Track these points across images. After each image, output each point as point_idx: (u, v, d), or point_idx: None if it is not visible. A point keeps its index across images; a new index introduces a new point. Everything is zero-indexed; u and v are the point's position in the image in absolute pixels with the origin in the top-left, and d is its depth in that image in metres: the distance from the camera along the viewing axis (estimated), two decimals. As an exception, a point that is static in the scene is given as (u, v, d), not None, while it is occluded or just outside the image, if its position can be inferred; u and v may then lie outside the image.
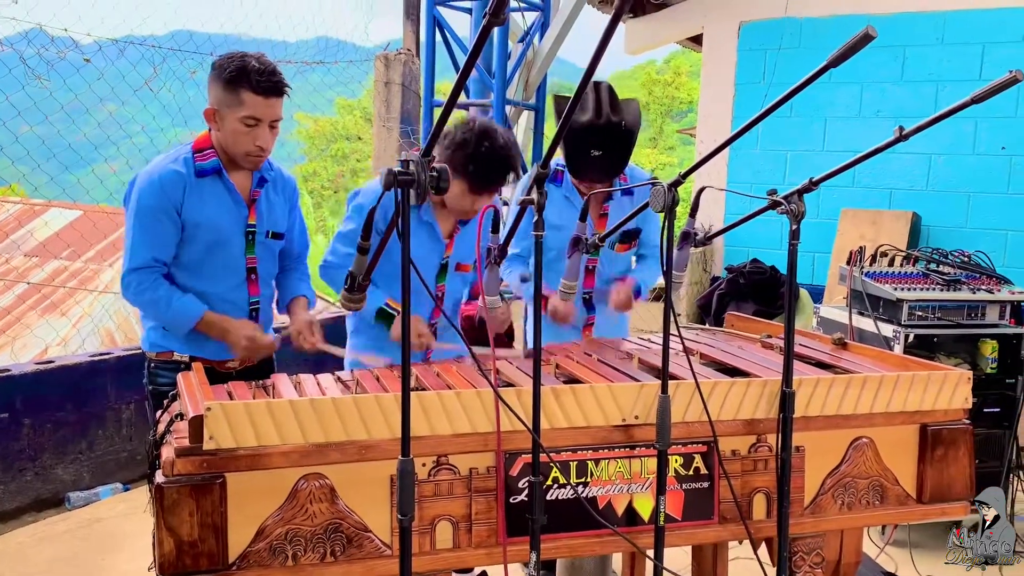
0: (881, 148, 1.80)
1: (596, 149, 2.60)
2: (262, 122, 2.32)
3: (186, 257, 2.40)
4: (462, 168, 2.36)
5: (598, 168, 2.65)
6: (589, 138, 2.59)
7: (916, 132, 1.70)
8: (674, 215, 1.85)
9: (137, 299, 2.39)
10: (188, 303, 2.37)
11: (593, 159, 2.61)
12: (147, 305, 2.39)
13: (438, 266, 2.60)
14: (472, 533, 1.85)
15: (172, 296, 2.36)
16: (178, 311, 2.36)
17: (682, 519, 1.99)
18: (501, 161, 2.37)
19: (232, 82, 2.27)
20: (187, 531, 1.67)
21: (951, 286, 3.47)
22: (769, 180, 6.44)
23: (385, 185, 1.39)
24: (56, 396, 3.77)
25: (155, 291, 2.35)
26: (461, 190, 2.41)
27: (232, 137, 2.33)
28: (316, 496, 1.74)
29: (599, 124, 2.58)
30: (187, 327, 2.38)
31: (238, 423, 1.67)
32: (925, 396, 2.11)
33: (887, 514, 2.16)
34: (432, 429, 1.80)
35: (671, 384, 1.91)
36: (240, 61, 2.28)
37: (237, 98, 2.28)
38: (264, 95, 2.29)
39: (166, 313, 2.37)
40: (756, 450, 2.04)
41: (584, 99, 2.61)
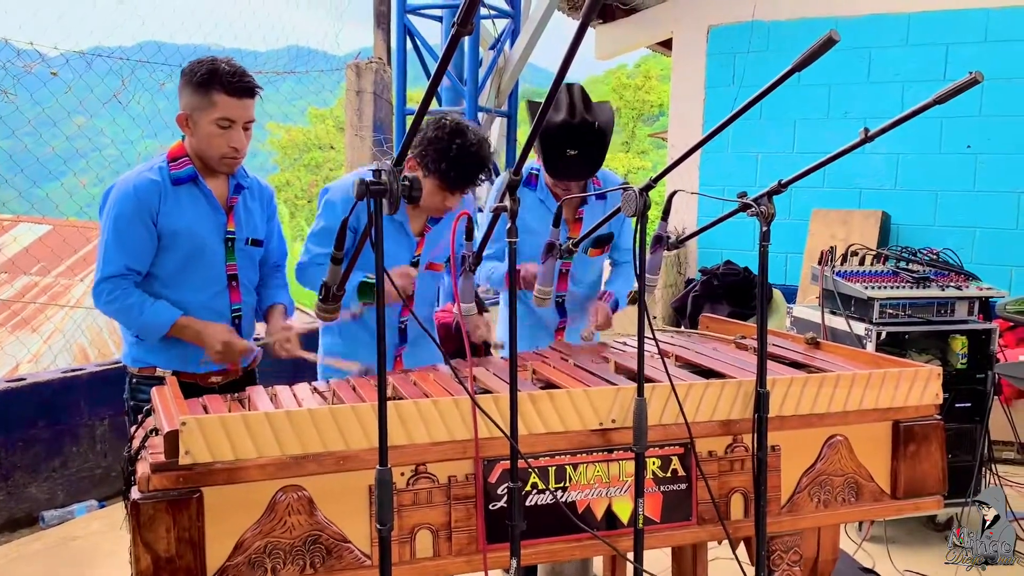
0: (847, 150, 1.83)
1: (571, 148, 2.61)
2: (236, 123, 2.33)
3: (166, 267, 2.38)
4: (434, 166, 2.35)
5: (574, 168, 2.66)
6: (564, 138, 2.60)
7: (881, 133, 1.73)
8: (646, 219, 1.86)
9: (109, 307, 2.36)
10: (161, 308, 2.35)
11: (569, 159, 2.62)
12: (119, 313, 2.37)
13: (408, 263, 2.60)
14: (452, 541, 1.85)
15: (144, 302, 2.34)
16: (151, 317, 2.34)
17: (661, 521, 2.00)
18: (473, 158, 2.36)
19: (204, 85, 2.27)
20: (164, 547, 1.65)
21: (920, 284, 3.52)
22: (740, 182, 6.50)
23: (357, 195, 1.39)
24: (28, 413, 3.72)
25: (127, 298, 2.33)
26: (433, 188, 2.40)
27: (206, 140, 2.33)
28: (294, 508, 1.74)
29: (573, 123, 2.59)
30: (160, 332, 2.36)
31: (214, 437, 1.66)
32: (897, 393, 2.14)
33: (863, 510, 2.19)
34: (410, 438, 1.80)
35: (647, 387, 1.92)
36: (211, 64, 2.29)
37: (209, 100, 2.28)
38: (237, 96, 2.30)
39: (139, 319, 2.35)
40: (732, 450, 2.05)
41: (557, 100, 2.62)
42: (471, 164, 2.36)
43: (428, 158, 2.36)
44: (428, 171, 2.38)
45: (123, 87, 4.92)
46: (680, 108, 6.85)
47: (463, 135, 2.34)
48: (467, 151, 2.34)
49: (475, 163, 2.37)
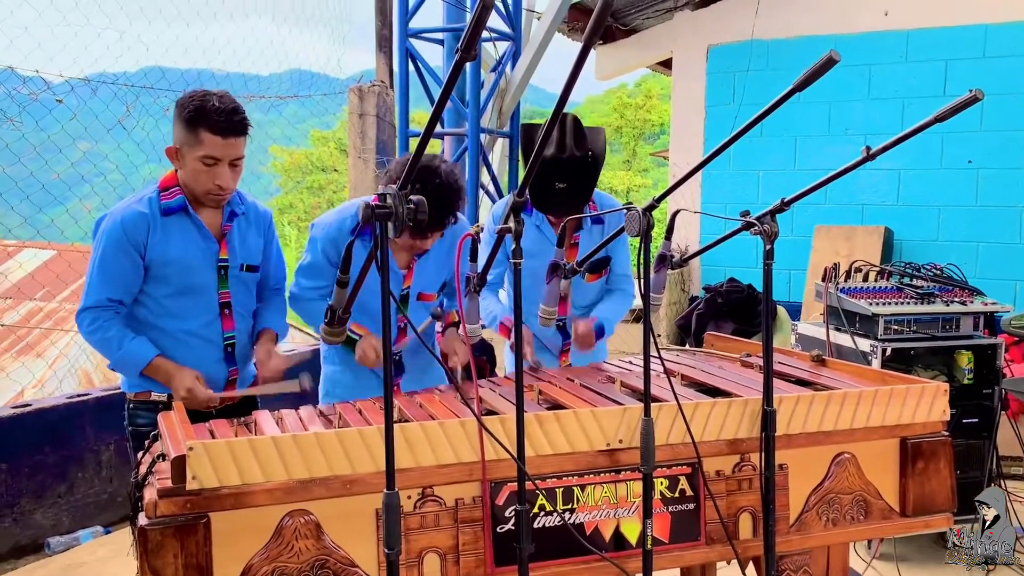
0: (849, 168, 1.84)
1: (560, 182, 2.63)
2: (221, 161, 2.30)
3: (156, 296, 2.38)
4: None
5: (563, 200, 2.67)
6: (553, 171, 2.62)
7: (883, 151, 1.73)
8: (650, 239, 1.87)
9: (90, 337, 2.37)
10: (138, 347, 2.35)
11: (558, 191, 2.64)
12: (99, 344, 2.38)
13: (398, 297, 2.60)
14: (460, 565, 1.84)
15: (124, 338, 2.34)
16: (127, 353, 2.35)
17: (669, 542, 1.99)
18: (443, 200, 2.34)
19: (191, 121, 2.26)
20: (172, 573, 1.65)
21: (925, 299, 3.52)
22: (742, 200, 6.52)
23: (363, 219, 1.40)
24: (33, 439, 3.72)
25: (107, 331, 2.34)
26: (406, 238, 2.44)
27: (192, 176, 2.32)
28: (302, 533, 1.73)
29: (562, 158, 2.62)
30: (136, 369, 2.36)
31: (221, 462, 1.66)
32: (904, 410, 2.14)
33: (872, 528, 2.18)
34: (416, 461, 1.80)
35: (654, 407, 1.92)
36: (200, 100, 2.26)
37: (196, 138, 2.26)
38: (222, 135, 2.27)
39: (116, 354, 2.36)
40: (740, 469, 2.05)
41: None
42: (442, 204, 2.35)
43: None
44: None
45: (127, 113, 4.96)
46: (680, 127, 6.88)
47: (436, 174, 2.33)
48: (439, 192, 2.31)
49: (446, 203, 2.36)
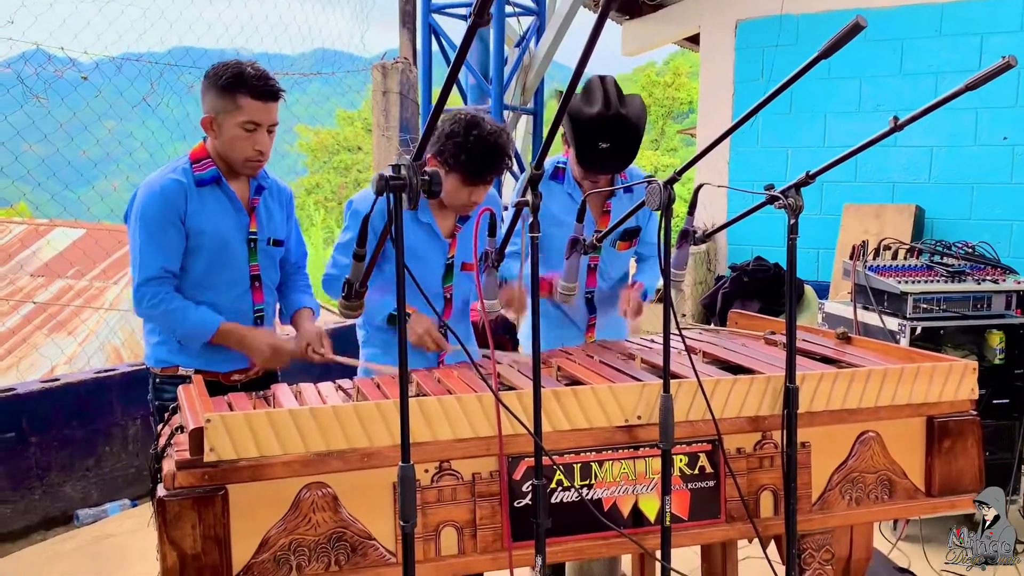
0: (876, 139, 1.79)
1: (604, 142, 2.59)
2: (260, 127, 2.33)
3: (192, 268, 2.39)
4: (454, 160, 2.35)
5: (607, 160, 2.65)
6: (597, 130, 2.58)
7: (910, 122, 1.68)
8: (671, 213, 1.83)
9: (151, 312, 2.37)
10: (204, 315, 2.36)
11: (602, 151, 2.60)
12: (162, 318, 2.37)
13: (443, 267, 2.59)
14: (477, 538, 1.84)
15: (187, 309, 2.35)
16: (194, 324, 2.35)
17: (689, 519, 1.97)
18: (492, 148, 2.35)
19: (229, 88, 2.28)
20: (190, 544, 1.66)
21: (955, 278, 3.45)
22: (770, 177, 6.40)
23: (376, 191, 1.38)
24: (62, 414, 3.77)
25: (170, 303, 2.34)
26: (456, 183, 2.40)
27: (231, 143, 2.34)
28: (319, 505, 1.73)
29: (608, 115, 2.57)
30: (203, 339, 2.37)
31: (238, 434, 1.66)
32: (931, 388, 2.09)
33: (896, 508, 2.14)
34: (434, 435, 1.79)
35: (673, 383, 1.90)
36: (236, 68, 2.30)
37: (235, 103, 2.29)
38: (262, 99, 2.31)
39: (182, 326, 2.36)
40: (761, 447, 2.02)
41: (591, 92, 2.62)
42: (490, 153, 2.35)
43: (447, 153, 2.36)
44: (448, 167, 2.37)
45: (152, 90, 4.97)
46: (709, 104, 6.79)
47: (479, 126, 2.33)
48: (485, 141, 2.33)
49: (494, 152, 2.36)
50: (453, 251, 2.59)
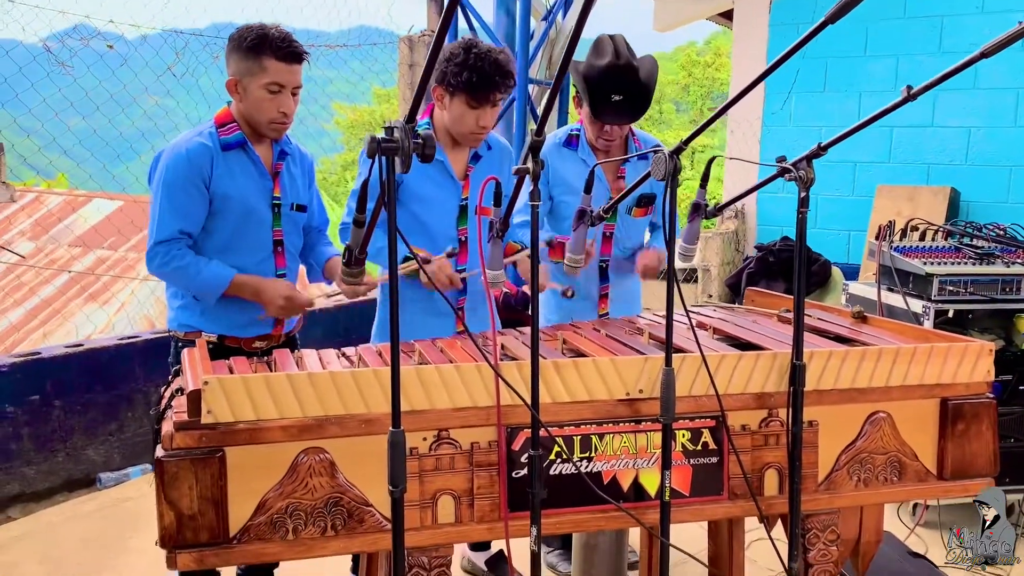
0: (888, 110, 1.74)
1: (616, 93, 2.62)
2: (285, 88, 2.35)
3: (217, 232, 2.41)
4: (456, 80, 2.40)
5: (619, 113, 2.67)
6: (609, 82, 2.61)
7: (924, 91, 1.63)
8: (676, 182, 1.80)
9: (163, 270, 2.39)
10: (217, 268, 2.38)
11: (615, 103, 2.63)
12: (174, 274, 2.39)
13: (457, 208, 2.59)
14: (474, 507, 1.83)
15: (200, 263, 2.37)
16: (208, 276, 2.37)
17: (690, 495, 1.95)
18: (493, 65, 2.38)
19: (254, 50, 2.30)
20: (187, 504, 1.67)
21: (984, 260, 3.36)
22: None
23: (368, 153, 1.37)
24: (86, 378, 3.83)
25: (181, 260, 2.36)
26: (462, 107, 2.44)
27: (256, 105, 2.35)
28: (316, 470, 1.74)
29: (619, 65, 2.60)
30: (218, 292, 2.38)
31: (236, 397, 1.67)
32: (944, 369, 2.04)
33: (906, 490, 2.10)
34: (432, 403, 1.78)
35: (677, 357, 1.87)
36: (260, 30, 2.32)
37: (260, 65, 2.31)
38: (286, 61, 2.33)
39: (195, 280, 2.37)
40: (767, 425, 1.99)
41: (601, 47, 2.67)
42: (492, 69, 2.39)
43: (449, 75, 2.41)
44: (452, 88, 2.42)
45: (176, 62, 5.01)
46: (741, 81, 6.66)
47: (477, 45, 2.41)
48: (486, 57, 2.38)
49: (496, 68, 2.40)
50: (466, 192, 2.58)
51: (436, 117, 2.59)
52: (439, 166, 2.56)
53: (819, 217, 6.28)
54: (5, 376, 3.58)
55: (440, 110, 2.55)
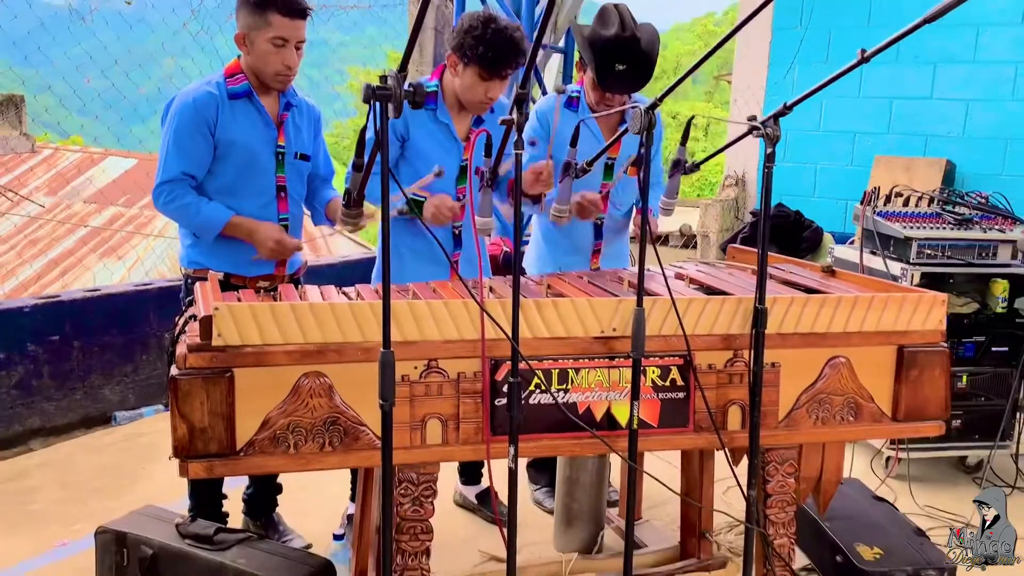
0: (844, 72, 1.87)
1: (621, 63, 2.72)
2: (289, 42, 2.50)
3: (221, 176, 2.58)
4: (471, 53, 2.52)
5: (623, 82, 2.78)
6: (614, 52, 2.72)
7: (876, 53, 1.75)
8: (651, 137, 1.95)
9: (167, 207, 2.57)
10: (215, 208, 2.55)
11: (619, 73, 2.74)
12: (176, 211, 2.56)
13: (457, 168, 2.74)
14: (460, 431, 2.01)
15: (200, 202, 2.54)
16: (206, 216, 2.54)
17: (658, 426, 2.12)
18: (508, 42, 2.51)
19: (260, 6, 2.46)
20: (198, 418, 1.85)
21: (963, 225, 3.50)
22: (804, 124, 6.40)
23: (364, 99, 1.52)
24: (103, 321, 4.03)
25: (183, 199, 2.54)
26: (472, 78, 2.57)
27: (262, 58, 2.51)
28: (316, 392, 1.91)
29: (624, 37, 2.70)
30: (215, 231, 2.55)
31: (243, 323, 1.84)
32: (900, 317, 2.19)
33: (861, 430, 2.26)
34: (422, 335, 1.95)
35: (648, 300, 2.03)
36: None
37: (265, 20, 2.46)
38: (290, 16, 2.47)
39: (195, 218, 2.55)
40: (732, 365, 2.15)
41: (606, 17, 2.77)
42: (507, 46, 2.51)
43: (465, 47, 2.54)
44: (467, 59, 2.55)
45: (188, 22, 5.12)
46: (745, 49, 6.76)
47: (496, 21, 2.51)
48: (502, 34, 2.51)
49: (510, 45, 2.52)
50: (467, 153, 2.73)
51: (446, 81, 2.74)
52: (444, 127, 2.71)
53: (818, 186, 6.40)
54: (27, 316, 3.78)
55: (451, 76, 2.69)
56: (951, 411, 3.56)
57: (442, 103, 2.75)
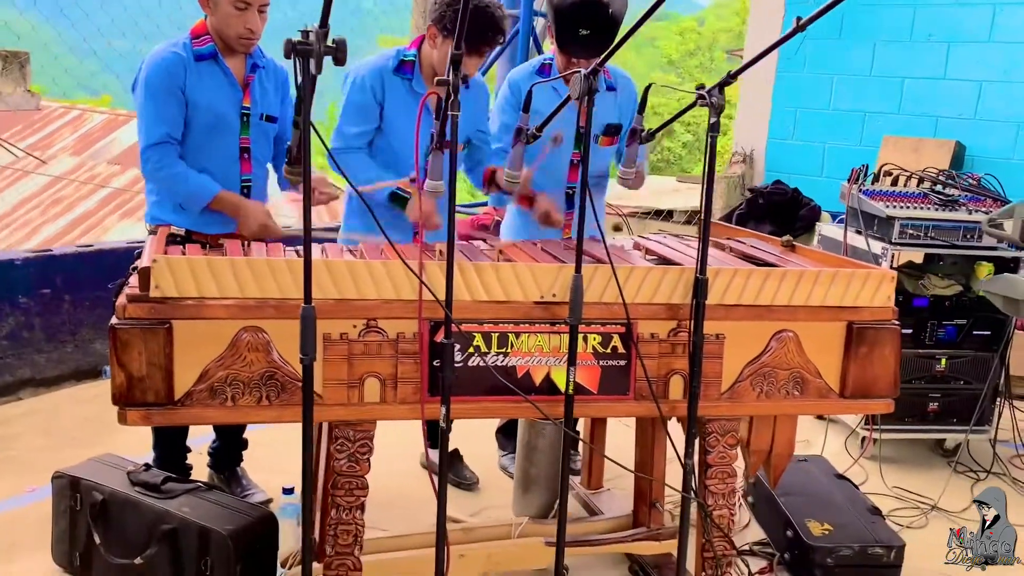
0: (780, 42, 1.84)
1: (584, 28, 2.72)
2: (251, 6, 2.51)
3: (186, 136, 2.60)
4: (452, 25, 2.54)
5: (585, 47, 2.77)
6: (578, 17, 2.71)
7: (812, 21, 1.72)
8: (592, 103, 1.94)
9: (155, 175, 2.59)
10: (205, 181, 2.58)
11: (583, 38, 2.74)
12: (165, 181, 2.59)
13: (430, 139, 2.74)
14: (398, 390, 2.03)
15: (189, 174, 2.57)
16: (195, 188, 2.57)
17: (598, 393, 2.13)
18: (489, 19, 2.53)
19: None
20: (136, 368, 1.89)
21: (948, 206, 3.45)
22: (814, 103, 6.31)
23: (284, 54, 1.54)
24: (94, 277, 4.09)
25: (172, 168, 2.56)
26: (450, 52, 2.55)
27: (224, 21, 2.52)
28: (254, 346, 1.94)
29: (588, 2, 2.69)
30: (202, 204, 2.58)
31: (181, 275, 1.87)
32: (847, 292, 2.18)
33: (806, 404, 2.26)
34: (360, 293, 1.97)
35: (589, 267, 2.04)
36: None
37: None
38: None
39: (184, 189, 2.57)
40: (675, 335, 2.15)
41: None
42: (486, 23, 2.53)
43: (446, 20, 2.57)
44: (446, 32, 2.58)
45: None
46: (758, 23, 6.65)
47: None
48: (483, 11, 2.51)
49: (490, 22, 2.54)
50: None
51: (424, 52, 2.74)
52: (418, 99, 2.71)
53: (825, 166, 6.30)
54: (19, 269, 3.86)
55: (430, 47, 2.69)
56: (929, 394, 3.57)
57: (418, 74, 2.76)
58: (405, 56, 2.76)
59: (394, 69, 2.74)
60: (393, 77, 2.74)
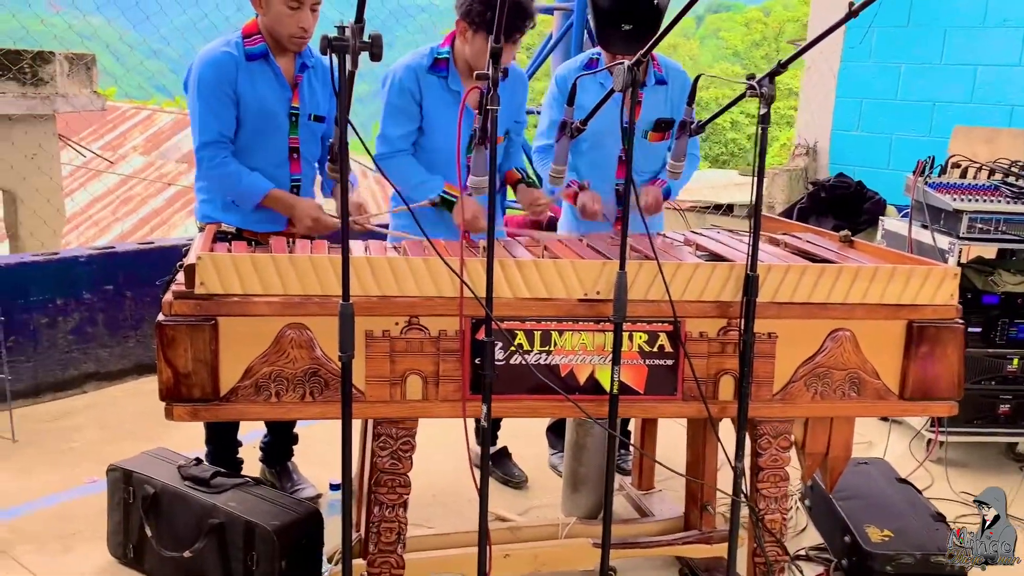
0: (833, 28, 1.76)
1: (626, 23, 2.66)
2: (304, 5, 2.52)
3: (236, 136, 2.62)
4: (480, 18, 2.52)
5: (627, 42, 2.70)
6: (619, 12, 2.66)
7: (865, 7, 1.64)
8: (637, 95, 1.89)
9: (210, 173, 2.62)
10: (257, 180, 2.60)
11: (625, 33, 2.68)
12: (220, 179, 2.62)
13: (468, 137, 2.73)
14: (439, 388, 2.01)
15: (242, 172, 2.60)
16: (248, 186, 2.60)
17: (644, 392, 2.08)
18: (515, 7, 2.47)
19: None
20: (183, 364, 1.91)
21: (1021, 199, 3.28)
22: (879, 94, 6.11)
23: (320, 49, 1.53)
24: (155, 273, 4.16)
25: (226, 167, 2.59)
26: (482, 44, 2.57)
27: (277, 19, 2.53)
28: (297, 343, 1.94)
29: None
30: (254, 201, 2.61)
31: (225, 272, 1.89)
32: (906, 290, 2.08)
33: (863, 406, 2.17)
34: (401, 290, 1.96)
35: (635, 264, 1.99)
36: None
37: None
38: None
39: (238, 187, 2.60)
40: (725, 333, 2.08)
41: None
42: (513, 11, 2.46)
43: (473, 13, 2.54)
44: (475, 25, 2.55)
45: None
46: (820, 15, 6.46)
47: None
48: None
49: (517, 10, 2.49)
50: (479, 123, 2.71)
51: (457, 48, 2.72)
52: (456, 95, 2.70)
53: (892, 158, 6.09)
54: (83, 266, 3.97)
55: (461, 43, 2.67)
56: (1000, 396, 3.41)
57: (454, 70, 2.73)
58: (439, 54, 2.75)
59: (429, 67, 2.73)
60: (428, 75, 2.73)
